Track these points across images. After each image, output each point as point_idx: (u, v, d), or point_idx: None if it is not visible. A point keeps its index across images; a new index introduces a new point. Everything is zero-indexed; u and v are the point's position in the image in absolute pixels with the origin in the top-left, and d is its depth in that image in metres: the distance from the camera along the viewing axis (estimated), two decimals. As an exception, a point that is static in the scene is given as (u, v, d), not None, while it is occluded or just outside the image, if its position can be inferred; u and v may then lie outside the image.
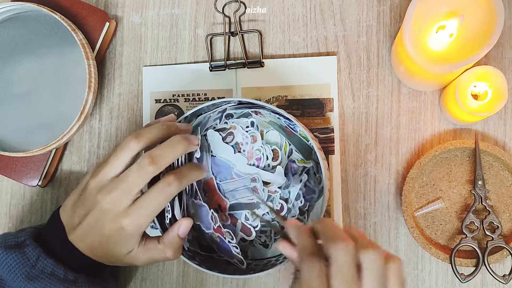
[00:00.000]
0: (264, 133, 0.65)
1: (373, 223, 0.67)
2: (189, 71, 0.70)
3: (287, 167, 0.64)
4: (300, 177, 0.63)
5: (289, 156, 0.64)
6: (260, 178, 0.63)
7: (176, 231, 0.57)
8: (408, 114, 0.68)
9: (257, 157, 0.64)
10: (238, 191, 0.64)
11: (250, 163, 0.64)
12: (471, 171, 0.66)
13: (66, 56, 0.67)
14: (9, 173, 0.68)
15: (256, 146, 0.64)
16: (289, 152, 0.64)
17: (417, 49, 0.57)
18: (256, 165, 0.64)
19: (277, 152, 0.63)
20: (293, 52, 0.70)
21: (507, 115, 0.67)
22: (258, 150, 0.64)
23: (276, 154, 0.64)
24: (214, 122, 0.63)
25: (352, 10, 0.69)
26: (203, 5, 0.71)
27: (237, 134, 0.64)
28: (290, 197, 0.63)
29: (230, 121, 0.65)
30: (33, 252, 0.55)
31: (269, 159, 0.63)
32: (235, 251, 0.60)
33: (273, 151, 0.64)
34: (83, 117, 0.65)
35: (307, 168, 0.64)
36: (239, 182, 0.64)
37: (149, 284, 0.69)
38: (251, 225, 0.63)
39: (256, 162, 0.64)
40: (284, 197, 0.64)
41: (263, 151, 0.64)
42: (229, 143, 0.64)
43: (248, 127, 0.64)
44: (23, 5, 0.65)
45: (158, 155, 0.54)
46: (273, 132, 0.64)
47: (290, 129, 0.63)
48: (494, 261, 0.64)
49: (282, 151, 0.64)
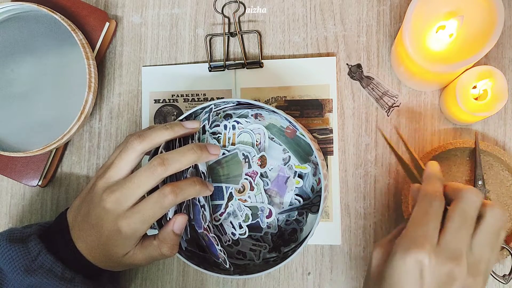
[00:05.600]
0: (236, 136, 0.63)
1: (373, 223, 0.67)
2: (188, 72, 0.70)
3: (277, 177, 0.63)
4: (294, 180, 0.63)
5: (286, 163, 0.63)
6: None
7: (171, 227, 0.57)
8: (408, 114, 0.68)
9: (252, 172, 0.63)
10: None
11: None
12: (471, 171, 0.66)
13: (66, 56, 0.67)
14: (9, 173, 0.68)
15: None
16: (288, 158, 0.63)
17: (417, 49, 0.57)
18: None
19: (265, 158, 0.63)
20: (293, 52, 0.70)
21: (507, 115, 0.67)
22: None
23: (264, 161, 0.63)
24: (203, 123, 0.63)
25: (352, 10, 0.69)
26: (203, 5, 0.71)
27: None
28: (284, 202, 0.63)
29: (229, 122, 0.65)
30: (35, 247, 0.56)
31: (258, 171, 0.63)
32: (219, 249, 0.60)
33: (261, 157, 0.62)
34: (83, 117, 0.65)
35: (303, 173, 0.64)
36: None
37: (149, 284, 0.69)
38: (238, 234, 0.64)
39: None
40: (276, 202, 0.64)
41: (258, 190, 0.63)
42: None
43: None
44: (23, 5, 0.65)
45: (168, 159, 0.54)
46: (245, 136, 0.63)
47: (291, 129, 0.63)
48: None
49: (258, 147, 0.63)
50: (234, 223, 0.63)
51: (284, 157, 0.63)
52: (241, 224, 0.63)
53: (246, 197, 0.62)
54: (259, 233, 0.64)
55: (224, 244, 0.63)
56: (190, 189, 0.56)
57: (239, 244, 0.64)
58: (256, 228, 0.64)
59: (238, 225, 0.63)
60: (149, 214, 0.54)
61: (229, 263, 0.60)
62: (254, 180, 0.62)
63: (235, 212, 0.63)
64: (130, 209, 0.54)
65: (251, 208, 0.63)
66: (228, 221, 0.63)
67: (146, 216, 0.54)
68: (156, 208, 0.54)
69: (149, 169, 0.54)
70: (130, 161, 0.55)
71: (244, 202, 0.62)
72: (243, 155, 0.62)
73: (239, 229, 0.63)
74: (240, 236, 0.63)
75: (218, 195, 0.63)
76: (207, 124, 0.62)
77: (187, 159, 0.55)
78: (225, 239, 0.64)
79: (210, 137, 0.63)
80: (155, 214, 0.54)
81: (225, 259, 0.60)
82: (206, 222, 0.59)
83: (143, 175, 0.54)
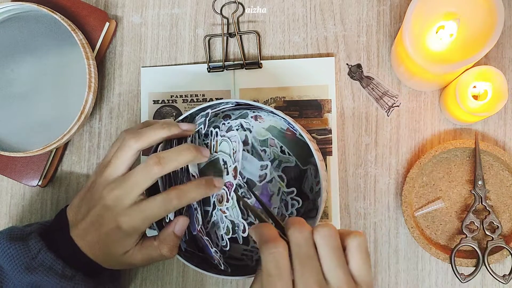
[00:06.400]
0: (218, 144, 0.61)
1: (373, 223, 0.67)
2: (187, 72, 0.70)
3: (262, 191, 0.63)
4: (279, 196, 0.63)
5: (262, 181, 0.62)
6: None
7: (172, 228, 0.57)
8: (408, 114, 0.68)
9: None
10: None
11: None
12: (471, 171, 0.66)
13: (66, 56, 0.67)
14: (9, 173, 0.68)
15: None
16: (264, 176, 0.62)
17: (417, 49, 0.57)
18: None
19: (237, 169, 0.59)
20: (293, 52, 0.69)
21: (507, 115, 0.67)
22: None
23: (236, 172, 0.59)
24: (199, 127, 0.62)
25: (352, 10, 0.69)
26: (203, 5, 0.71)
27: None
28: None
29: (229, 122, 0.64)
30: (36, 245, 0.56)
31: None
32: (214, 250, 0.60)
33: (234, 168, 0.59)
34: (83, 117, 0.65)
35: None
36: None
37: (149, 284, 0.69)
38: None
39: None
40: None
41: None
42: None
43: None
44: (23, 5, 0.65)
45: (164, 158, 0.54)
46: (224, 144, 0.60)
47: (291, 130, 0.63)
48: (494, 261, 0.64)
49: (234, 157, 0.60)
50: (218, 234, 0.61)
51: (260, 174, 0.62)
52: (223, 236, 0.60)
53: (224, 208, 0.59)
54: (246, 246, 0.63)
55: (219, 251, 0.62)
56: (195, 192, 0.56)
57: (226, 253, 0.63)
58: (245, 240, 0.62)
59: (220, 237, 0.61)
60: (151, 214, 0.54)
61: (225, 264, 0.60)
62: (229, 192, 0.58)
63: (218, 223, 0.61)
64: (132, 206, 0.54)
65: (231, 222, 0.60)
66: (213, 231, 0.62)
67: (149, 215, 0.54)
68: (160, 210, 0.55)
69: (145, 168, 0.54)
70: (127, 159, 0.56)
71: (224, 213, 0.60)
72: (223, 161, 0.60)
73: (221, 241, 0.61)
74: (223, 248, 0.61)
75: (206, 200, 0.62)
76: (203, 128, 0.61)
77: (183, 158, 0.55)
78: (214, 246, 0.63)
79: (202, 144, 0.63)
80: (158, 215, 0.55)
81: (219, 260, 0.59)
82: (199, 225, 0.59)
83: (140, 174, 0.54)
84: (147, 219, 0.54)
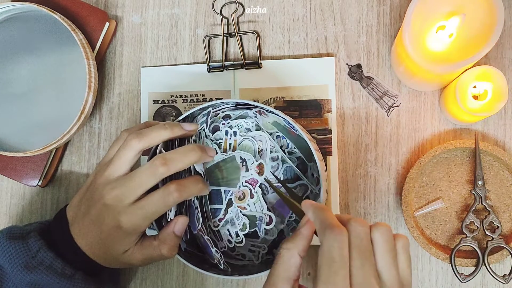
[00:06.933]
0: (237, 143, 0.63)
1: (373, 223, 0.67)
2: (187, 72, 0.70)
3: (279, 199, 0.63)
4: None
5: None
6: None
7: (172, 228, 0.57)
8: (408, 114, 0.68)
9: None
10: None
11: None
12: (471, 171, 0.66)
13: (66, 56, 0.67)
14: (9, 173, 0.68)
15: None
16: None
17: (417, 49, 0.57)
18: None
19: (263, 166, 0.62)
20: (293, 52, 0.70)
21: (507, 115, 0.67)
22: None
23: (262, 168, 0.63)
24: (201, 127, 0.63)
25: (352, 10, 0.69)
26: (203, 5, 0.71)
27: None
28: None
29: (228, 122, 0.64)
30: (35, 244, 0.56)
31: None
32: (215, 250, 0.60)
33: (259, 165, 0.62)
34: (83, 117, 0.65)
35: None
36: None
37: (149, 284, 0.69)
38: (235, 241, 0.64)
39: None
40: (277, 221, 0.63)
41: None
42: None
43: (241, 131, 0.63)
44: (23, 5, 0.65)
45: (171, 158, 0.54)
46: (246, 143, 0.63)
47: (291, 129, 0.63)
48: (494, 261, 0.64)
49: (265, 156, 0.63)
50: (231, 231, 0.63)
51: (272, 164, 0.63)
52: (238, 233, 0.63)
53: (245, 204, 0.62)
54: (257, 239, 0.64)
55: (220, 250, 0.63)
56: (194, 187, 0.56)
57: (235, 250, 0.64)
58: (254, 235, 0.64)
59: (235, 233, 0.63)
60: (152, 211, 0.54)
61: (226, 264, 0.60)
62: (254, 188, 0.62)
63: (232, 220, 0.63)
64: (132, 205, 0.54)
65: (249, 217, 0.63)
66: (226, 229, 0.63)
67: (149, 212, 0.54)
68: (160, 205, 0.54)
69: (151, 168, 0.54)
70: (129, 159, 0.56)
71: (243, 209, 0.62)
72: (241, 159, 0.62)
73: (235, 237, 0.63)
74: (236, 244, 0.63)
75: (217, 199, 0.63)
76: (205, 127, 0.61)
77: (189, 159, 0.55)
78: (221, 245, 0.63)
79: (211, 143, 0.63)
80: (158, 211, 0.55)
81: (219, 260, 0.60)
82: (199, 224, 0.59)
83: (145, 174, 0.54)
84: (147, 216, 0.54)
